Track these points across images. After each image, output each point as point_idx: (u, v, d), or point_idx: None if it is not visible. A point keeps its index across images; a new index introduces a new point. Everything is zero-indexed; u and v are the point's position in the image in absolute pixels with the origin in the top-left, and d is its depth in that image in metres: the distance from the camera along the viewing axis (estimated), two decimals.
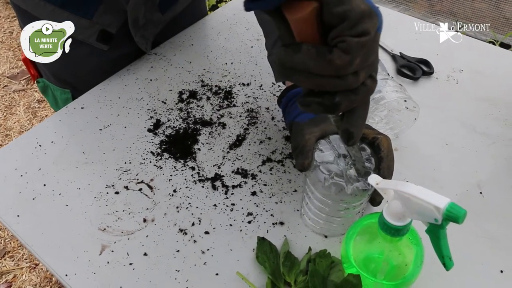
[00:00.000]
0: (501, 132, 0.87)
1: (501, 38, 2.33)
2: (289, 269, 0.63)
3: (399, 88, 0.81)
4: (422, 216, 0.51)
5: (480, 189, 0.77)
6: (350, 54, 0.43)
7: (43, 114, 2.42)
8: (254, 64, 1.02)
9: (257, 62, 1.03)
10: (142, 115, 0.90)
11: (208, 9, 2.49)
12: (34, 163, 0.82)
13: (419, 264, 0.60)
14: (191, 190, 0.76)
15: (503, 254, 0.68)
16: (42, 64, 1.04)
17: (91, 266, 0.67)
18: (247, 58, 1.04)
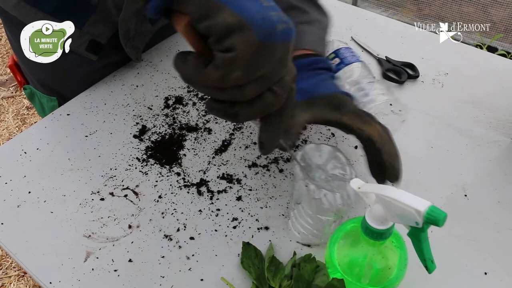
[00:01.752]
0: (486, 135, 0.87)
1: (488, 41, 2.35)
2: (274, 274, 0.63)
3: (386, 91, 0.81)
4: (403, 220, 0.52)
5: (465, 192, 0.77)
6: (220, 69, 0.42)
7: (32, 121, 2.41)
8: None
9: None
10: (128, 121, 0.90)
11: None
12: (19, 170, 0.81)
13: (403, 267, 0.60)
14: (176, 196, 0.76)
15: (487, 256, 0.69)
16: (29, 71, 1.04)
17: (76, 273, 0.67)
18: None
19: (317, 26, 0.80)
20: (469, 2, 2.41)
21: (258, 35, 0.41)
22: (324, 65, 0.74)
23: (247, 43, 0.41)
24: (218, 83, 0.44)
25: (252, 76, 0.44)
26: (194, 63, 0.44)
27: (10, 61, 1.08)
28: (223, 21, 0.41)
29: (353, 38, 1.13)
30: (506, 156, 0.83)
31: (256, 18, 0.41)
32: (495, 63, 1.06)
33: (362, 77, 0.84)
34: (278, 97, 0.47)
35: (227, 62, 0.42)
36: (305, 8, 0.80)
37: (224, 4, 0.41)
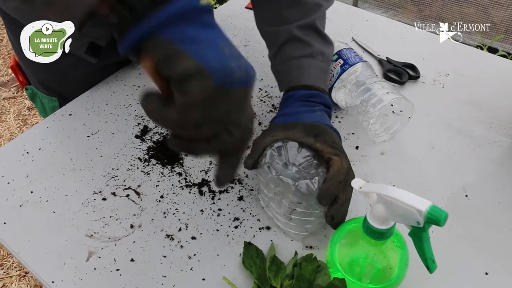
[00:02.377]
0: (486, 135, 0.88)
1: (489, 42, 2.35)
2: (275, 274, 0.64)
3: (393, 89, 0.82)
4: (404, 219, 0.52)
5: (466, 192, 0.78)
6: (177, 111, 0.46)
7: (33, 121, 2.41)
8: None
9: None
10: (129, 121, 0.90)
11: None
12: (21, 170, 0.82)
13: (404, 267, 0.60)
14: (178, 196, 0.77)
15: (488, 256, 0.69)
16: (30, 72, 1.04)
17: (78, 272, 0.67)
18: None
19: (320, 59, 0.81)
20: (469, 3, 2.41)
21: (215, 81, 0.44)
22: (320, 100, 0.76)
23: (203, 87, 0.44)
24: (177, 123, 0.48)
25: (209, 118, 0.47)
26: (156, 104, 0.47)
27: (12, 62, 1.08)
28: (183, 67, 0.44)
29: (354, 39, 1.13)
30: (507, 157, 0.84)
31: (214, 66, 0.44)
32: (496, 64, 1.06)
33: (367, 77, 0.84)
34: (234, 138, 0.51)
35: (185, 105, 0.45)
36: (308, 41, 0.80)
37: (186, 51, 0.44)
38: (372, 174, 0.80)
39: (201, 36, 0.46)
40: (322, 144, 0.68)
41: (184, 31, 0.45)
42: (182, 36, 0.45)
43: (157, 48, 0.44)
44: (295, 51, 0.80)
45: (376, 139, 0.86)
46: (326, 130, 0.71)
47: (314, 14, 0.82)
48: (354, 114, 0.86)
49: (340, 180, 0.65)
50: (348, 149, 0.84)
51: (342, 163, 0.66)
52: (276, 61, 0.84)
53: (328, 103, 0.78)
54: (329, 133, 0.70)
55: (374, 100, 0.80)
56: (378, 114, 0.81)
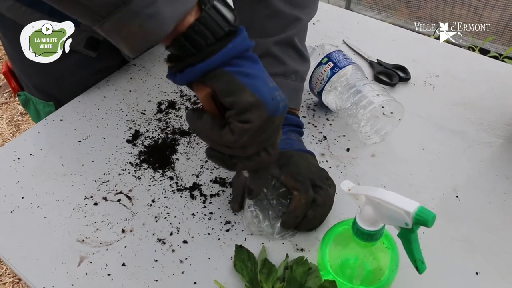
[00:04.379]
0: (477, 136, 0.88)
1: (480, 43, 2.36)
2: (266, 277, 0.64)
3: (383, 91, 0.82)
4: (393, 221, 0.52)
5: (457, 193, 0.78)
6: (234, 135, 0.52)
7: (26, 127, 2.40)
8: None
9: None
10: (121, 126, 0.90)
11: None
12: (12, 176, 0.81)
13: (395, 268, 0.60)
14: (169, 200, 0.77)
15: (479, 256, 0.69)
16: (25, 77, 1.04)
17: (69, 278, 0.67)
18: None
19: (293, 78, 0.81)
20: (461, 5, 2.42)
21: (268, 112, 0.51)
22: (286, 121, 0.79)
23: (260, 118, 0.51)
24: (228, 144, 0.54)
25: (256, 141, 0.54)
26: (210, 123, 0.53)
27: (4, 68, 1.08)
28: (245, 100, 0.50)
29: (345, 41, 1.13)
30: (497, 157, 0.84)
31: (268, 99, 0.51)
32: (486, 65, 1.07)
33: (357, 80, 0.85)
34: (270, 156, 0.57)
35: (243, 131, 0.51)
36: (283, 58, 0.80)
37: (246, 85, 0.50)
38: (363, 176, 0.81)
39: (254, 71, 0.52)
40: (286, 177, 0.70)
41: (242, 66, 0.51)
42: (241, 71, 0.50)
43: (221, 80, 0.50)
44: (268, 68, 0.78)
45: (366, 141, 0.86)
46: (292, 158, 0.73)
47: (293, 28, 0.81)
48: (344, 117, 0.87)
49: (297, 215, 0.68)
50: (339, 151, 0.85)
51: (300, 199, 0.68)
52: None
53: (296, 121, 0.80)
54: (294, 161, 0.72)
55: (364, 102, 0.80)
56: (368, 116, 0.81)
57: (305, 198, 0.68)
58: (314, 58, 0.88)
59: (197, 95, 0.53)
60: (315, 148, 0.85)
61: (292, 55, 0.82)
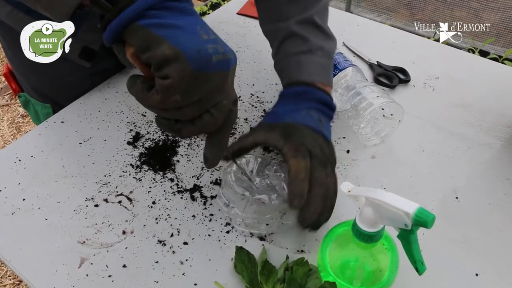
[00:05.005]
0: (476, 138, 0.88)
1: (480, 45, 2.37)
2: (267, 278, 0.64)
3: (382, 93, 0.82)
4: (392, 222, 0.52)
5: (456, 194, 0.78)
6: (159, 93, 0.49)
7: (27, 129, 2.41)
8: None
9: (236, 73, 1.03)
10: (121, 128, 0.91)
11: None
12: (13, 178, 0.82)
13: (395, 269, 0.60)
14: (170, 202, 0.77)
15: (478, 257, 0.69)
16: (23, 78, 1.04)
17: (70, 279, 0.67)
18: None
19: (319, 54, 0.79)
20: (461, 7, 2.43)
21: (193, 65, 0.48)
22: (311, 96, 0.74)
23: (181, 71, 0.48)
24: (159, 105, 0.51)
25: (190, 100, 0.51)
26: (140, 87, 0.51)
27: (4, 69, 1.08)
28: (161, 53, 0.47)
29: (345, 43, 1.14)
30: (496, 159, 0.84)
31: (191, 50, 0.48)
32: (485, 67, 1.07)
33: (357, 82, 0.85)
34: (215, 118, 0.55)
35: (164, 88, 0.49)
36: (307, 36, 0.79)
37: (164, 37, 0.47)
38: (363, 178, 0.81)
39: (178, 22, 0.49)
40: (288, 147, 0.66)
41: (162, 18, 0.48)
42: (160, 23, 0.48)
43: (136, 35, 0.48)
44: (294, 48, 0.79)
45: (367, 142, 0.86)
46: (301, 132, 0.68)
47: (312, 8, 0.81)
48: (344, 118, 0.87)
49: (302, 177, 0.63)
50: (339, 153, 0.85)
51: (299, 162, 0.64)
52: (277, 59, 0.83)
53: (324, 98, 0.75)
54: (302, 134, 0.68)
55: (364, 104, 0.81)
56: (368, 118, 0.81)
57: (304, 162, 0.64)
58: None
59: (128, 57, 0.51)
60: None
61: (314, 32, 0.81)
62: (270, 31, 0.86)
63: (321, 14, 0.83)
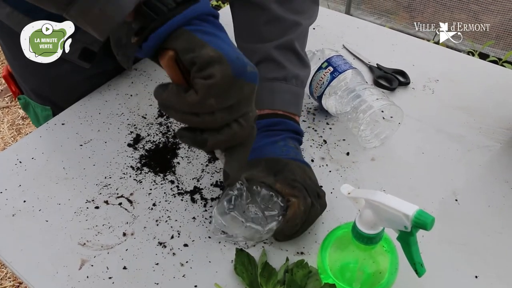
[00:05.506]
0: (476, 140, 0.88)
1: (480, 48, 2.37)
2: (267, 280, 0.64)
3: (382, 96, 0.82)
4: (392, 224, 0.52)
5: (456, 197, 0.78)
6: (198, 94, 0.50)
7: (27, 131, 2.41)
8: None
9: None
10: (122, 130, 0.91)
11: None
12: (14, 180, 0.82)
13: (394, 271, 0.61)
14: (170, 204, 0.77)
15: (478, 259, 0.69)
16: (23, 81, 1.04)
17: (71, 281, 0.67)
18: None
19: (293, 83, 0.80)
20: (460, 9, 2.43)
21: (233, 69, 0.50)
22: (284, 127, 0.77)
23: (223, 73, 0.50)
24: (195, 107, 0.52)
25: (224, 105, 0.52)
26: (175, 90, 0.52)
27: (4, 72, 1.08)
28: (206, 54, 0.49)
29: (345, 46, 1.14)
30: (496, 161, 0.84)
31: (232, 56, 0.51)
32: (485, 69, 1.07)
33: (357, 84, 0.85)
34: (243, 128, 0.56)
35: (206, 87, 0.50)
36: (283, 63, 0.80)
37: (207, 42, 0.50)
38: (363, 180, 0.81)
39: (217, 33, 0.52)
40: (282, 184, 0.69)
41: (204, 27, 0.51)
42: (203, 30, 0.51)
43: (181, 39, 0.50)
44: (269, 73, 0.80)
45: (366, 145, 0.87)
46: (287, 166, 0.71)
47: (292, 33, 0.81)
48: (344, 121, 0.87)
49: (296, 223, 0.67)
50: (339, 155, 0.85)
51: (300, 205, 0.67)
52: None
53: (295, 128, 0.78)
54: (290, 168, 0.71)
55: (364, 106, 0.81)
56: (368, 120, 0.82)
57: (304, 205, 0.67)
58: (314, 63, 0.89)
59: (162, 64, 0.53)
60: (315, 152, 0.86)
61: (292, 59, 0.82)
62: (246, 50, 0.84)
63: (301, 39, 0.84)
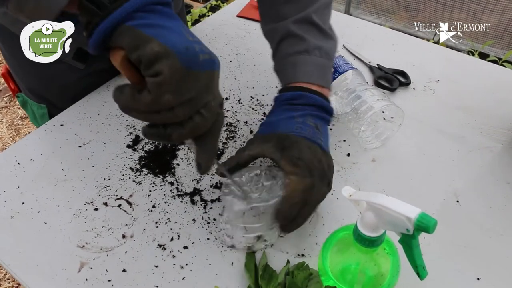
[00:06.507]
0: (477, 141, 0.88)
1: (480, 47, 2.37)
2: (267, 282, 0.64)
3: (383, 96, 0.82)
4: (394, 227, 0.52)
5: (457, 198, 0.78)
6: (151, 92, 0.49)
7: (26, 131, 2.40)
8: (233, 78, 1.03)
9: (236, 76, 1.03)
10: (121, 131, 0.90)
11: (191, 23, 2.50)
12: (12, 181, 0.81)
13: (396, 274, 0.60)
14: (170, 205, 0.77)
15: (480, 261, 0.69)
16: (19, 79, 1.04)
17: (70, 283, 0.67)
18: (225, 72, 1.05)
19: (317, 54, 0.76)
20: (460, 9, 2.43)
21: (182, 62, 0.49)
22: (305, 101, 0.72)
23: (172, 67, 0.48)
24: (152, 106, 0.51)
25: (181, 99, 0.51)
26: (130, 92, 0.51)
27: (3, 70, 1.08)
28: (151, 50, 0.48)
29: (345, 46, 1.13)
30: (497, 162, 0.84)
31: (180, 48, 0.49)
32: (486, 70, 1.07)
33: (357, 85, 0.85)
34: (206, 119, 0.55)
35: (156, 85, 0.49)
36: (303, 35, 0.76)
37: (153, 36, 0.48)
38: (364, 181, 0.81)
39: (165, 23, 0.50)
40: (286, 161, 0.66)
41: (149, 19, 0.49)
42: (147, 23, 0.49)
43: (125, 36, 0.48)
44: (290, 48, 0.77)
45: (367, 146, 0.86)
46: (297, 143, 0.67)
47: (310, 7, 0.78)
48: (345, 121, 0.87)
49: (295, 202, 0.63)
50: (340, 156, 0.85)
51: (297, 184, 0.64)
52: (275, 60, 0.81)
53: (319, 103, 0.72)
54: (298, 146, 0.67)
55: (364, 107, 0.81)
56: (369, 121, 0.81)
57: (303, 184, 0.64)
58: None
59: (114, 64, 0.51)
60: None
61: (312, 31, 0.78)
62: (268, 31, 0.84)
63: (320, 12, 0.80)
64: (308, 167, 0.65)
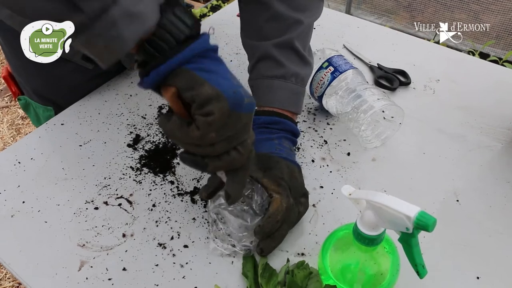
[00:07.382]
0: (477, 140, 0.88)
1: (480, 47, 2.37)
2: (267, 281, 0.64)
3: (383, 96, 0.82)
4: (394, 225, 0.52)
5: (457, 197, 0.78)
6: (200, 130, 0.53)
7: (27, 131, 2.40)
8: None
9: (236, 75, 1.03)
10: (122, 130, 0.90)
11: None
12: (13, 180, 0.81)
13: (395, 272, 0.60)
14: (170, 204, 0.77)
15: (480, 260, 0.69)
16: (24, 81, 1.04)
17: (70, 282, 0.67)
18: None
19: (292, 81, 0.81)
20: (461, 9, 2.43)
21: (230, 105, 0.53)
22: (281, 127, 0.78)
23: (221, 109, 0.52)
24: (197, 141, 0.55)
25: (223, 136, 0.55)
26: (178, 123, 0.55)
27: (4, 72, 1.08)
28: (205, 92, 0.52)
29: (345, 46, 1.14)
30: (497, 161, 0.84)
31: (228, 91, 0.53)
32: (486, 69, 1.07)
33: (358, 84, 0.85)
34: (241, 155, 0.59)
35: (207, 124, 0.53)
36: (282, 61, 0.80)
37: (206, 80, 0.52)
38: (364, 180, 0.81)
39: (215, 68, 0.55)
40: (268, 180, 0.70)
41: (203, 64, 0.53)
42: (201, 67, 0.53)
43: (182, 77, 0.52)
44: (268, 70, 0.81)
45: (367, 145, 0.86)
46: (279, 164, 0.73)
47: (293, 31, 0.81)
48: (345, 121, 0.87)
49: (278, 219, 0.67)
50: (340, 155, 0.85)
51: (282, 202, 0.68)
52: (251, 76, 0.85)
53: (292, 128, 0.79)
54: (280, 167, 0.72)
55: (364, 106, 0.81)
56: (369, 120, 0.81)
57: (287, 203, 0.68)
58: (315, 63, 0.88)
59: (165, 98, 0.55)
60: (315, 152, 0.86)
61: (292, 58, 0.81)
62: (248, 46, 0.87)
63: (302, 37, 0.84)
64: (289, 187, 0.71)
